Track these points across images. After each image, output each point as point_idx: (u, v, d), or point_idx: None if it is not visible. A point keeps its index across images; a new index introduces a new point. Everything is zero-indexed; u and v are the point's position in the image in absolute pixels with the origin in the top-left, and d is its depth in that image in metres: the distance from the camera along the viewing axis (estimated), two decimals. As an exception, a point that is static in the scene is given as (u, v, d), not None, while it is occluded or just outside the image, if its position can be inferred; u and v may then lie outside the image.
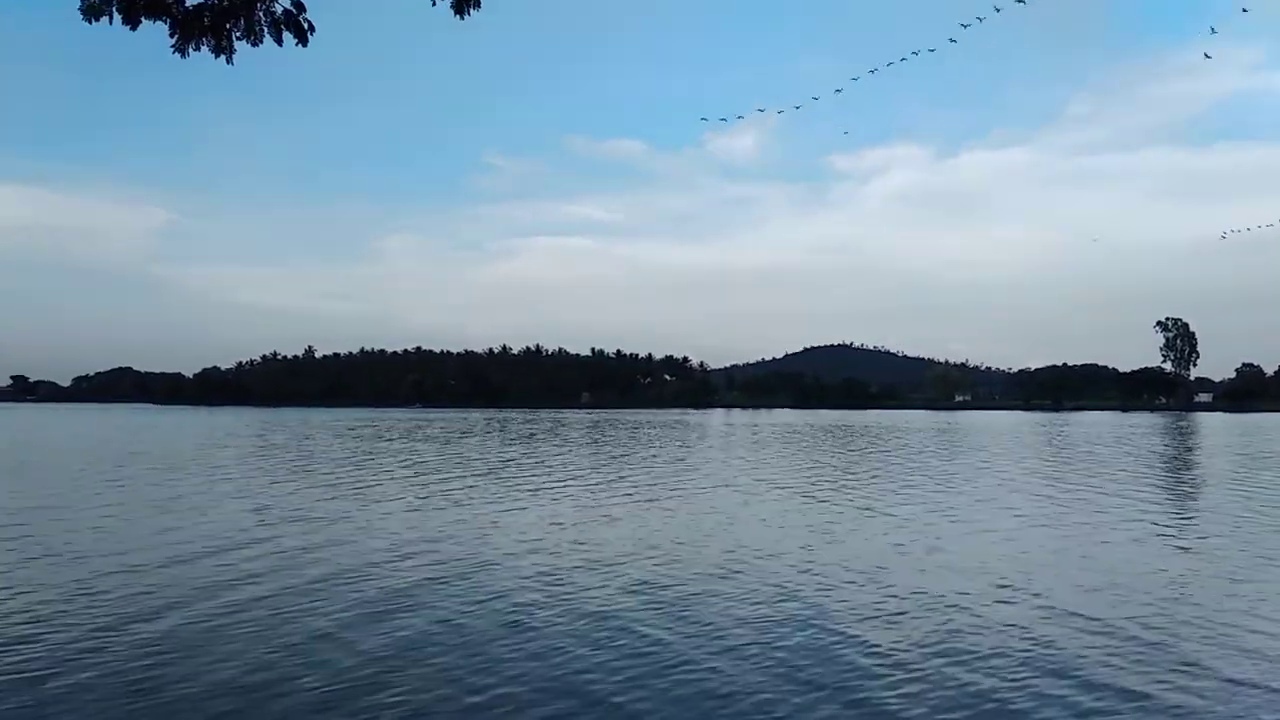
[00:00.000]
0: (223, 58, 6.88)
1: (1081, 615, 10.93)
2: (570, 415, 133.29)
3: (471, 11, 7.26)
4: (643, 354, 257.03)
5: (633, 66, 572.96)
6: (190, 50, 6.82)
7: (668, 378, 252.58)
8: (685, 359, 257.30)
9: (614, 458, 39.81)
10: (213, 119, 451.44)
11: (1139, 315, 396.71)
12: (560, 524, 18.49)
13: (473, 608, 11.27)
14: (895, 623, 10.68)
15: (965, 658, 9.25)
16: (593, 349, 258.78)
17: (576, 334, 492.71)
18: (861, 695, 8.23)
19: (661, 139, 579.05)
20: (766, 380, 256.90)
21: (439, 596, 11.88)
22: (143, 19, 6.53)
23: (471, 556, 14.72)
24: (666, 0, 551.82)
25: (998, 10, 25.34)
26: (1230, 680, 8.69)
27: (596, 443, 53.65)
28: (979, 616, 10.90)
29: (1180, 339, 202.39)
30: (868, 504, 22.16)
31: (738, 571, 13.50)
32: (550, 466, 34.15)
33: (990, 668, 8.93)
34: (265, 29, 6.86)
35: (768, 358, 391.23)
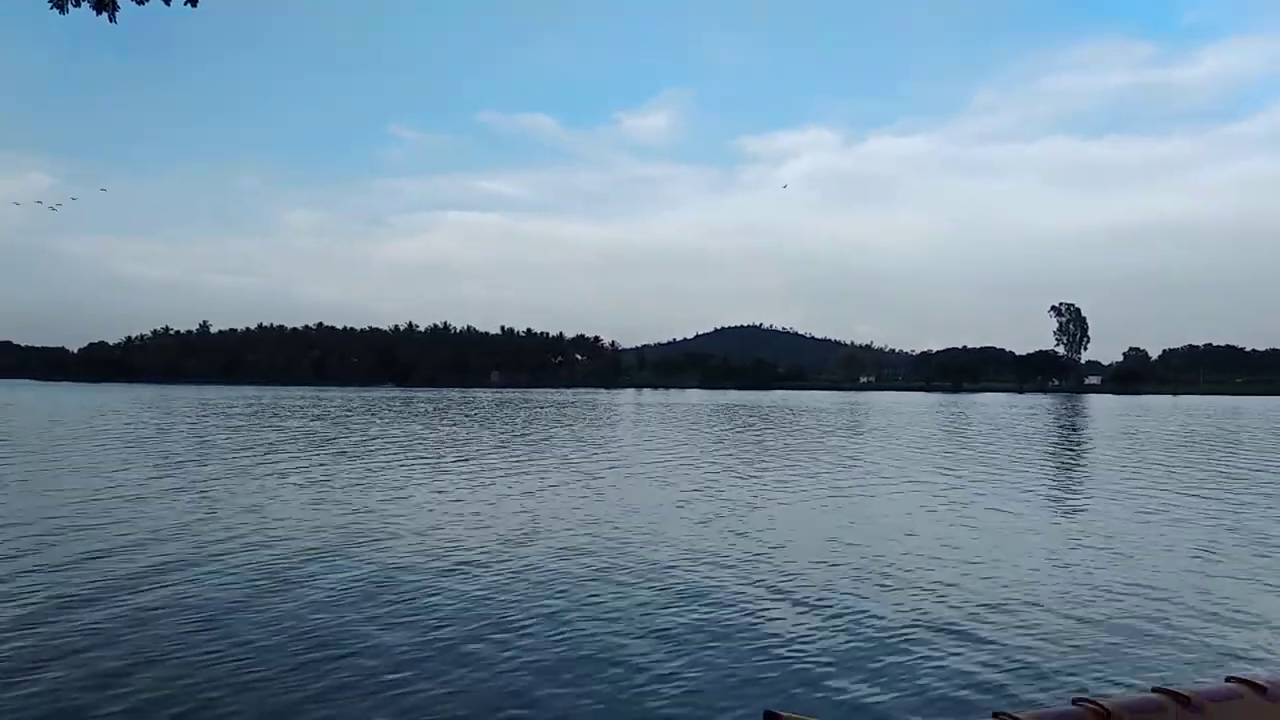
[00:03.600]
0: (104, 14, 6.55)
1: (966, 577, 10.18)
2: (479, 394, 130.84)
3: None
4: (554, 333, 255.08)
5: (544, 41, 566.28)
6: (70, 6, 6.43)
7: (579, 357, 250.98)
8: (596, 338, 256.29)
9: (515, 438, 38.27)
10: (99, 81, 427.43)
11: (1035, 300, 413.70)
12: (450, 504, 16.98)
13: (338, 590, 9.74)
14: (784, 592, 9.72)
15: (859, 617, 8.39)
16: (502, 327, 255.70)
17: (486, 312, 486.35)
18: (734, 665, 7.47)
19: (574, 116, 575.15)
20: (677, 360, 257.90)
21: (305, 579, 10.32)
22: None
23: (336, 542, 13.07)
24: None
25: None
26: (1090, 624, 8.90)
27: (500, 422, 51.94)
28: (880, 584, 10.01)
29: (1073, 323, 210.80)
30: (762, 482, 21.28)
31: (628, 552, 12.30)
32: (449, 446, 32.42)
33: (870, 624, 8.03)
34: (150, -16, 5.94)
35: (679, 338, 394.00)
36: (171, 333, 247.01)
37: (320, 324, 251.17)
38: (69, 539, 13.41)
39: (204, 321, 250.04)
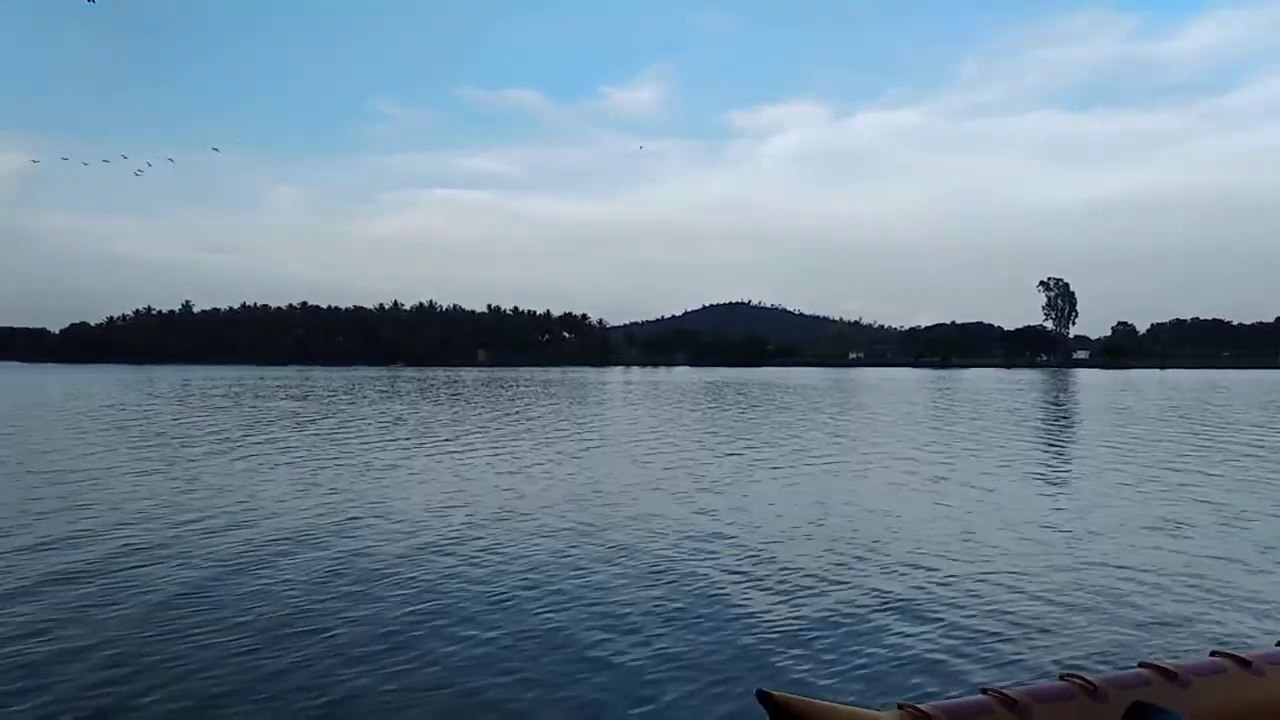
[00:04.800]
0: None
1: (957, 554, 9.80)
2: (465, 373, 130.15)
3: None
4: (540, 311, 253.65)
5: (528, 14, 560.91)
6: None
7: (566, 335, 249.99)
8: (584, 316, 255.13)
9: (499, 416, 37.56)
10: (77, 55, 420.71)
11: (1023, 275, 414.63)
12: (429, 483, 16.36)
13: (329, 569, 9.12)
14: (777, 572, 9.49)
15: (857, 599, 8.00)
16: (489, 305, 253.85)
17: (472, 290, 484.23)
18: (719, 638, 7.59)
19: (558, 91, 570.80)
20: (665, 337, 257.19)
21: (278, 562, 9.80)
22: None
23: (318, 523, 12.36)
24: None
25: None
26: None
27: (484, 401, 51.25)
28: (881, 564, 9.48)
29: (1061, 298, 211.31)
30: (745, 459, 20.71)
31: (609, 530, 11.71)
32: (430, 426, 31.68)
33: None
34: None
35: (666, 315, 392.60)
36: (154, 312, 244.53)
37: (304, 303, 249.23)
38: (45, 519, 12.68)
39: (186, 301, 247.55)
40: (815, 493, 16.47)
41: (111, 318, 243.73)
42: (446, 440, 26.95)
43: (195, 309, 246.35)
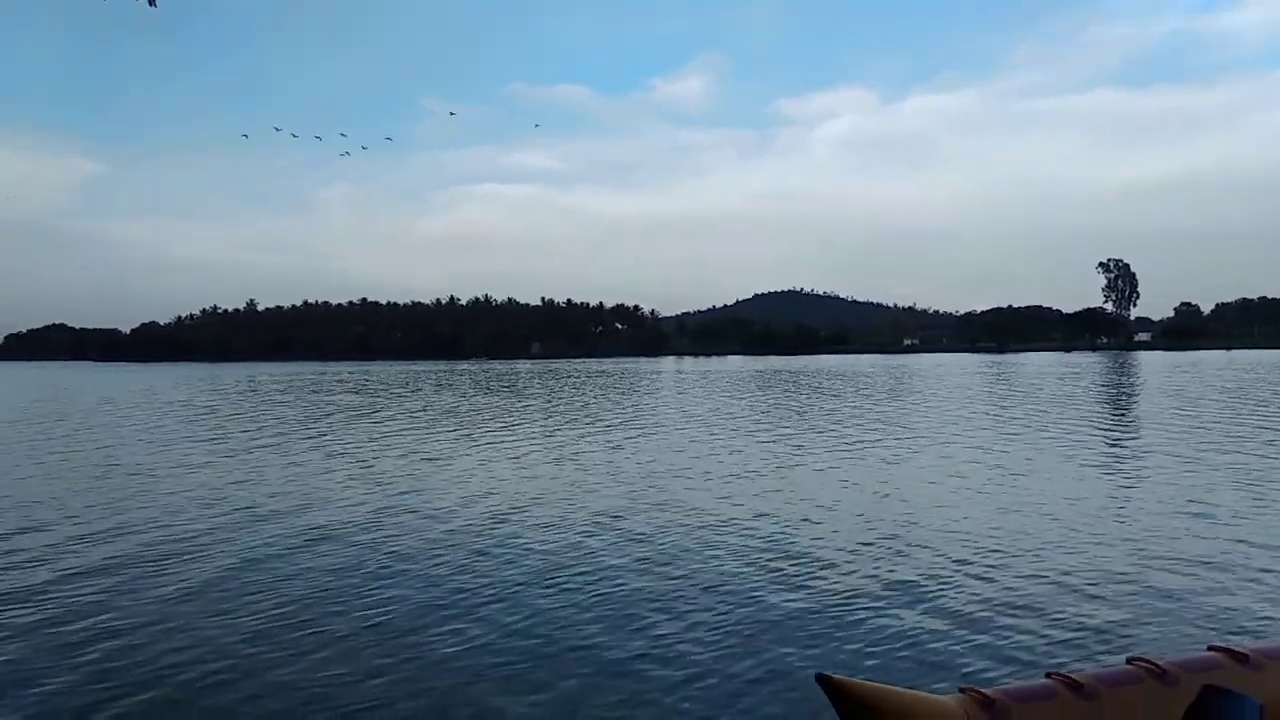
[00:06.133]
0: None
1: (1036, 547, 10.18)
2: (520, 365, 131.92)
3: None
4: (593, 303, 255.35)
5: (573, 9, 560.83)
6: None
7: (619, 326, 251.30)
8: (636, 307, 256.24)
9: (552, 407, 38.69)
10: (135, 66, 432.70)
11: (1081, 256, 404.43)
12: (479, 472, 17.38)
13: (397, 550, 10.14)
14: (855, 559, 9.77)
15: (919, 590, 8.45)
16: (543, 298, 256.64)
17: (526, 283, 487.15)
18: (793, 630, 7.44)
19: (606, 85, 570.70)
20: (717, 327, 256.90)
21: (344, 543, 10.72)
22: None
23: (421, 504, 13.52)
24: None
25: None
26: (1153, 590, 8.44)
27: (537, 393, 52.46)
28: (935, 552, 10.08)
29: (1121, 279, 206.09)
30: (794, 445, 21.34)
31: (700, 514, 12.55)
32: (484, 416, 32.97)
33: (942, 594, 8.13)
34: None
35: (718, 305, 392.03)
36: (220, 311, 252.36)
37: (364, 300, 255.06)
38: (114, 510, 14.04)
39: (251, 300, 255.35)
40: (861, 478, 16.61)
41: (180, 317, 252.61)
42: (493, 430, 28.09)
43: (260, 307, 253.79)
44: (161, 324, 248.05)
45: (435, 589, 9.36)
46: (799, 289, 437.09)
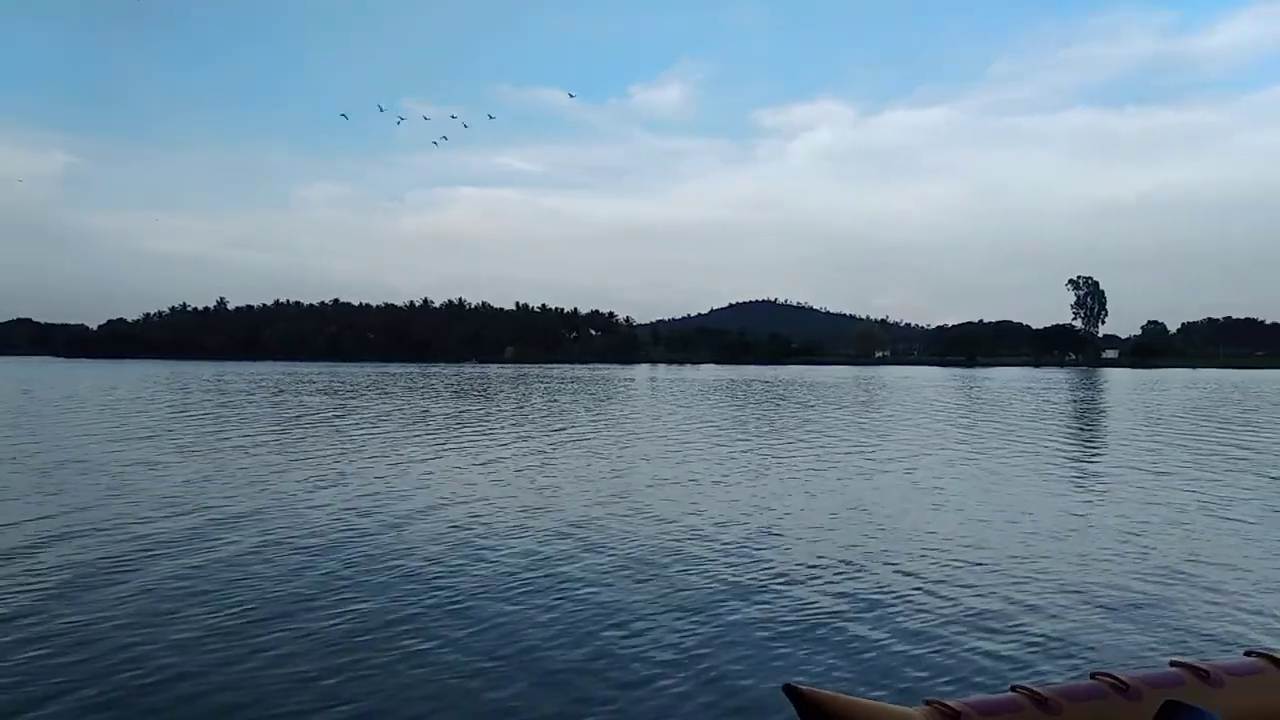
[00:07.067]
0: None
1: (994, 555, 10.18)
2: (493, 370, 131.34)
3: None
4: (568, 308, 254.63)
5: (556, 13, 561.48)
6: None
7: (593, 332, 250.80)
8: (611, 314, 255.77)
9: (522, 413, 38.45)
10: (115, 58, 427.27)
11: (1053, 273, 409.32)
12: (446, 477, 17.17)
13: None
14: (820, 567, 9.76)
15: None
16: (517, 303, 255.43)
17: (501, 287, 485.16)
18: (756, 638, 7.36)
19: (586, 90, 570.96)
20: (691, 335, 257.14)
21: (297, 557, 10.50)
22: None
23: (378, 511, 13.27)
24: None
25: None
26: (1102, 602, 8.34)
27: (509, 398, 52.15)
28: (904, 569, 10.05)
29: (1090, 297, 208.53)
30: (765, 455, 21.34)
31: (639, 526, 12.43)
32: (454, 421, 32.66)
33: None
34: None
35: (694, 313, 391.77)
36: (189, 309, 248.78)
37: (336, 300, 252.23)
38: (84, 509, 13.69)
39: (221, 298, 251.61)
40: (828, 490, 16.64)
41: (148, 314, 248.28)
42: (461, 436, 27.82)
43: (230, 305, 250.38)
44: (129, 321, 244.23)
45: (386, 596, 9.20)
46: (774, 299, 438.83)
